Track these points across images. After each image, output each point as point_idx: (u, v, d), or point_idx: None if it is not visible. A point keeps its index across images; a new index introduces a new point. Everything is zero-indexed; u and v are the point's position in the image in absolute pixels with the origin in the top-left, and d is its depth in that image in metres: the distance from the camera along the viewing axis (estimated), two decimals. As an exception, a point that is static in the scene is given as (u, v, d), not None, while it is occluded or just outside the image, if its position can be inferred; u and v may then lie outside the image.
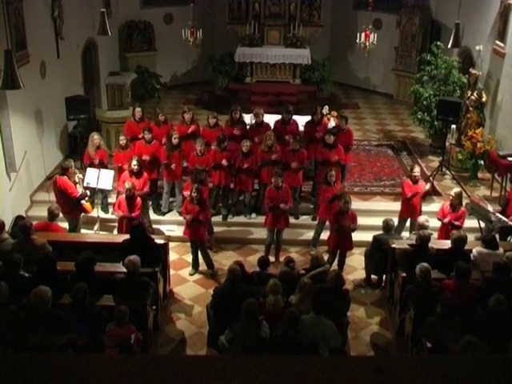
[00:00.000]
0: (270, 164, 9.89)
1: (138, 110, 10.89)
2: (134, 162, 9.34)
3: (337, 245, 8.87)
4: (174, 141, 10.00)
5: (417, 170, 9.58)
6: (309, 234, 9.94)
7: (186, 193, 9.36)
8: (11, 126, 9.66)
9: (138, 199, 9.14)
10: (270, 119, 11.04)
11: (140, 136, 10.38)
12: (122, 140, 10.13)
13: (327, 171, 9.41)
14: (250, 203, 10.40)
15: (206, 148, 10.15)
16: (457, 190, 9.21)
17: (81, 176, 9.48)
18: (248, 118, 11.29)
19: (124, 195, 9.02)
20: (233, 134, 10.50)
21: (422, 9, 15.64)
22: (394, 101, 16.71)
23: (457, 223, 8.82)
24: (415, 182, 9.47)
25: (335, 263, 8.91)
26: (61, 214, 8.98)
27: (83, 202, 9.35)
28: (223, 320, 6.75)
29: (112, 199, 10.41)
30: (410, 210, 9.48)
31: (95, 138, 10.12)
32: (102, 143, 10.24)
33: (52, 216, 8.56)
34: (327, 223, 9.35)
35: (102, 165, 9.92)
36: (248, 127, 11.00)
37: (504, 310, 6.44)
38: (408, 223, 9.66)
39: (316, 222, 9.88)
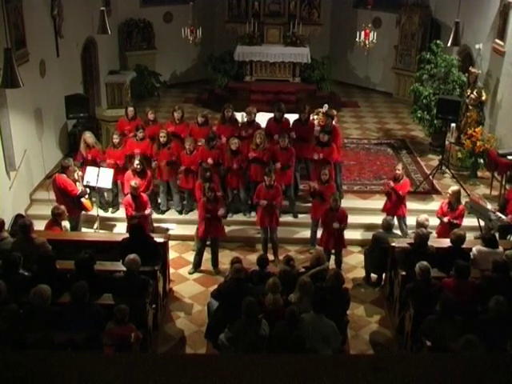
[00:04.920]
0: (255, 162, 9.90)
1: (131, 109, 10.96)
2: (137, 162, 9.36)
3: (328, 244, 8.89)
4: (162, 139, 10.03)
5: (399, 168, 9.60)
6: (307, 233, 9.94)
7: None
8: (11, 125, 9.65)
9: (145, 196, 9.16)
10: (267, 117, 11.04)
11: (131, 134, 10.42)
12: (116, 138, 10.13)
13: (321, 170, 9.41)
14: (245, 199, 10.39)
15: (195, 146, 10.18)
16: (454, 188, 9.21)
17: (80, 174, 9.47)
18: (239, 117, 11.28)
19: (130, 195, 9.04)
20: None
21: (421, 7, 15.65)
22: (393, 99, 16.71)
23: (456, 222, 8.82)
24: (397, 179, 9.47)
25: (332, 262, 8.91)
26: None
27: (83, 200, 9.36)
28: (224, 317, 6.76)
29: (110, 198, 10.45)
30: (391, 207, 9.51)
31: (87, 136, 10.09)
32: (94, 142, 10.17)
33: (56, 217, 8.56)
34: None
35: (94, 163, 9.87)
36: (239, 125, 11.01)
37: (504, 311, 6.44)
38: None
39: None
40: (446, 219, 8.87)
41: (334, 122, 11.28)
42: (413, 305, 7.19)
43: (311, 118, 11.28)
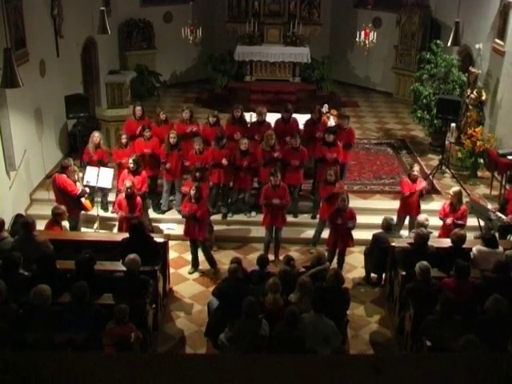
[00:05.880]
0: (271, 162, 9.89)
1: (139, 108, 10.90)
2: (131, 161, 9.36)
3: (335, 243, 8.88)
4: (172, 140, 10.02)
5: (416, 169, 9.62)
6: (308, 233, 9.95)
7: (185, 189, 9.39)
8: (11, 125, 9.65)
9: (138, 198, 9.14)
10: (270, 118, 11.04)
11: (138, 134, 10.41)
12: (124, 139, 10.15)
13: (327, 170, 9.42)
14: (249, 201, 10.41)
15: (206, 146, 10.18)
16: (455, 188, 9.20)
17: (81, 175, 9.48)
18: (248, 117, 11.29)
19: (123, 194, 9.03)
20: (232, 135, 10.50)
21: (421, 7, 15.64)
22: (393, 99, 16.71)
23: (460, 222, 8.80)
24: (414, 180, 9.49)
25: (334, 261, 8.92)
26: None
27: (82, 199, 9.36)
28: (224, 317, 6.76)
29: (111, 198, 10.44)
30: (407, 207, 9.53)
31: (96, 136, 10.12)
32: (102, 142, 10.23)
33: (56, 216, 8.56)
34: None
35: (101, 164, 9.91)
36: (248, 125, 11.01)
37: (504, 311, 6.44)
38: (407, 221, 9.68)
39: (316, 221, 9.89)
40: (449, 220, 8.84)
41: (333, 122, 11.32)
42: (413, 305, 7.19)
43: (322, 117, 11.29)
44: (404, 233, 9.35)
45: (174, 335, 7.88)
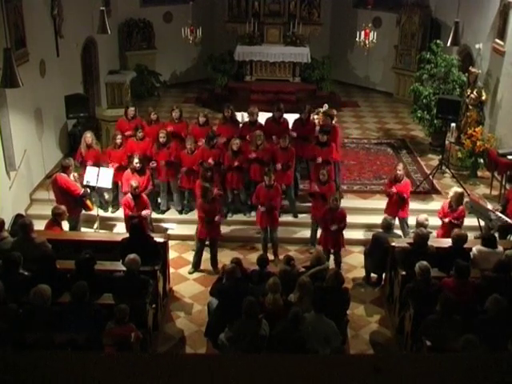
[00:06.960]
0: (255, 161, 9.91)
1: (131, 108, 11.00)
2: (136, 160, 9.36)
3: (327, 243, 8.90)
4: (162, 139, 10.03)
5: (400, 168, 9.59)
6: (307, 233, 9.94)
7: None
8: (11, 125, 9.65)
9: (145, 197, 9.15)
10: (265, 117, 11.04)
11: (128, 134, 10.46)
12: (119, 139, 10.15)
13: (320, 170, 9.42)
14: (246, 200, 10.40)
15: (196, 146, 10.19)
16: (457, 190, 9.18)
17: (76, 175, 9.44)
18: (239, 117, 11.28)
19: (130, 194, 9.02)
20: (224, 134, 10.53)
21: (421, 7, 15.65)
22: (393, 99, 16.72)
23: (456, 222, 8.80)
24: (397, 180, 9.46)
25: (332, 262, 8.92)
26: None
27: (84, 199, 9.36)
28: (224, 317, 6.76)
29: (110, 198, 10.45)
30: (389, 208, 9.53)
31: (88, 136, 10.11)
32: (94, 142, 10.20)
33: (56, 216, 8.54)
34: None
35: (95, 164, 9.87)
36: (241, 125, 11.00)
37: (504, 311, 6.44)
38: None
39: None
40: (446, 219, 8.86)
41: (333, 122, 11.29)
42: (413, 305, 7.19)
43: (311, 117, 11.26)
44: (397, 232, 9.31)
45: (174, 335, 7.88)
